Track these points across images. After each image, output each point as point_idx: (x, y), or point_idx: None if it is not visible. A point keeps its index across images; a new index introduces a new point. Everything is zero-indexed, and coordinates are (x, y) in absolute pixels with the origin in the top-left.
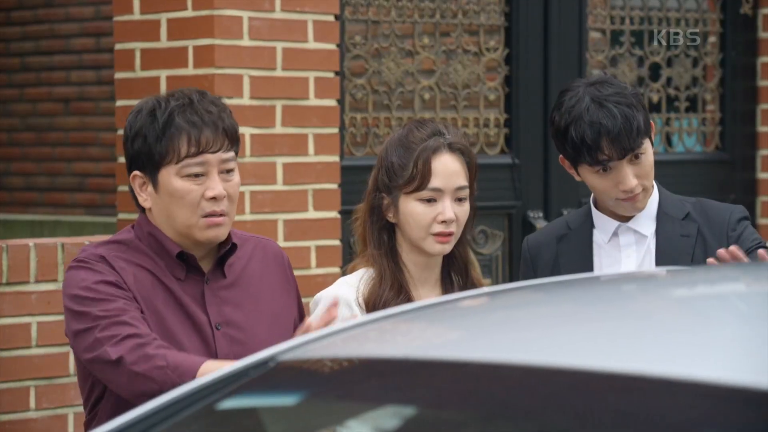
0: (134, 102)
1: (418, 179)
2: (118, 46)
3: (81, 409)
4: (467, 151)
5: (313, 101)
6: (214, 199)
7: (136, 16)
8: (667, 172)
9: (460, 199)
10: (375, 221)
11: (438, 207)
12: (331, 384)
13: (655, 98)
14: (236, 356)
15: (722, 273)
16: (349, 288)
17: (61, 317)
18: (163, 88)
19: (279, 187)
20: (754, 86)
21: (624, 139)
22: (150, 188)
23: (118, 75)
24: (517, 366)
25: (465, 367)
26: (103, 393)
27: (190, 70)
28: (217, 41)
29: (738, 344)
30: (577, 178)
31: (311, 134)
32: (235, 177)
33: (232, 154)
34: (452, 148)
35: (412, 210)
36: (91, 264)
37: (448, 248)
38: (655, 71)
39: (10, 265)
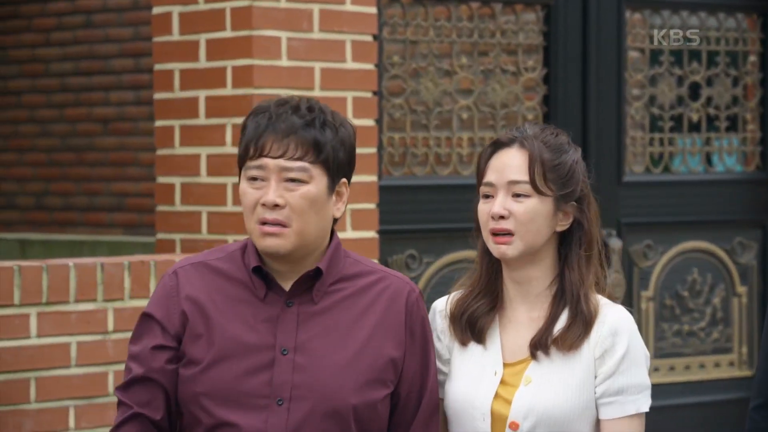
0: (173, 122)
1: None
2: (157, 67)
3: None
4: None
5: (351, 121)
6: (265, 206)
7: (175, 36)
8: (707, 193)
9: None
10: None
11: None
12: None
13: (695, 117)
14: (297, 384)
15: None
16: (443, 298)
17: (101, 336)
18: (202, 109)
19: None
20: None
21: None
22: None
23: (157, 95)
24: None
25: None
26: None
27: (228, 90)
28: (256, 61)
29: None
30: None
31: None
32: (302, 188)
33: (299, 164)
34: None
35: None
36: (160, 286)
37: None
38: (694, 90)
39: (50, 285)
